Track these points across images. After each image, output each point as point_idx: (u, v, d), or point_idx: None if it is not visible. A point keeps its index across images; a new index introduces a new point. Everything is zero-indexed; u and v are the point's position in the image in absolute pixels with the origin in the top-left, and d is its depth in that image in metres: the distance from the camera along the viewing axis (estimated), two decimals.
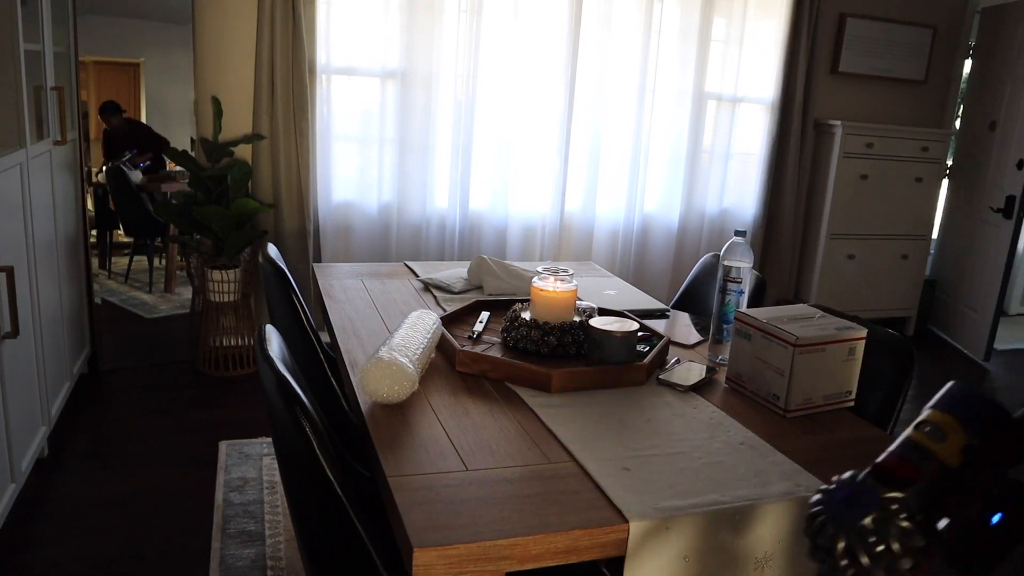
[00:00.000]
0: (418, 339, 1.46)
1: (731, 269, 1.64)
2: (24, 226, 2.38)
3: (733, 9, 4.07)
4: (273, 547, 2.23)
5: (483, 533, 0.98)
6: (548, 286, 1.59)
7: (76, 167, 3.18)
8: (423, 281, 2.23)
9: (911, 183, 4.48)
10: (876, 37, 4.46)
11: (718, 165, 4.26)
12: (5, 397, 2.15)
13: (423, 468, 1.13)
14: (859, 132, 4.29)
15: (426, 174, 3.77)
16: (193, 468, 2.64)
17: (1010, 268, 4.26)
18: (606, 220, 4.13)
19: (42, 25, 2.64)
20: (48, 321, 2.64)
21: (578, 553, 1.01)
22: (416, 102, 3.67)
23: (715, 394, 1.50)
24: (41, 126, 2.68)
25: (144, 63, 4.65)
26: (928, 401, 0.80)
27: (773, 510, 1.10)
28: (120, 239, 5.94)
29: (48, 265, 2.68)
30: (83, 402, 3.10)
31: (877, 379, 1.60)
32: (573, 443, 1.24)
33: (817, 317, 1.49)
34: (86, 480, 2.52)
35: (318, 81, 3.53)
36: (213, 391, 3.31)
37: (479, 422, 1.30)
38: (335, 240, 3.74)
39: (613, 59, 3.93)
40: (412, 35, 3.59)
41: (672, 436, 1.29)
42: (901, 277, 4.63)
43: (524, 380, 1.47)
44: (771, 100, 4.24)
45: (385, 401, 1.33)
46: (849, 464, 1.23)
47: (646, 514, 1.04)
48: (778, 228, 4.44)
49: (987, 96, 4.54)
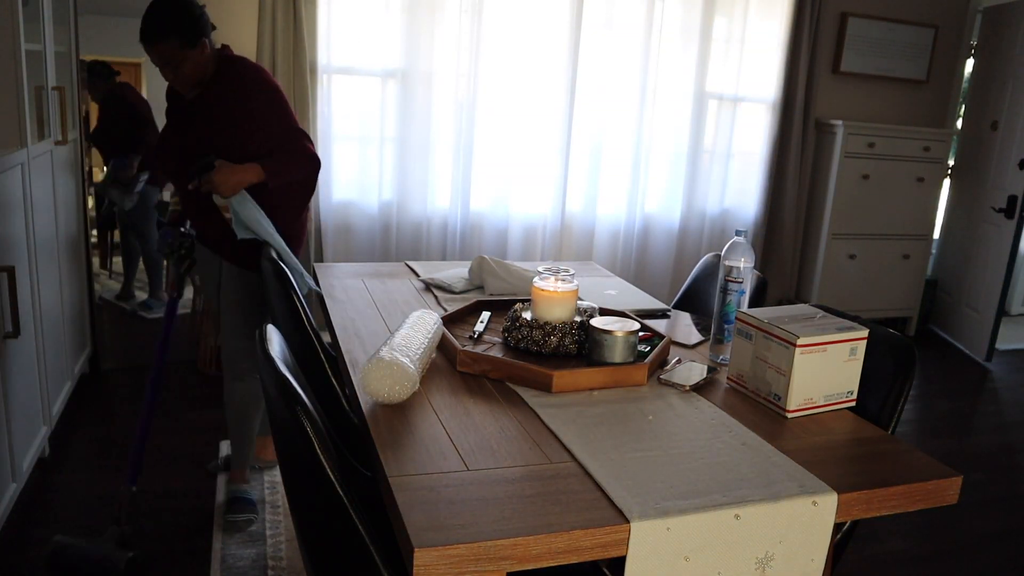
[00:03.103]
0: (419, 339, 1.46)
1: (732, 269, 1.64)
2: (25, 226, 2.38)
3: (734, 8, 4.07)
4: (274, 547, 2.23)
5: (484, 533, 0.98)
6: (549, 286, 1.59)
7: (77, 167, 3.18)
8: (424, 281, 2.23)
9: (913, 183, 4.47)
10: (878, 37, 4.46)
11: (719, 165, 4.26)
12: (6, 397, 2.16)
13: (424, 468, 1.13)
14: (860, 132, 4.29)
15: (427, 174, 3.77)
16: (194, 468, 2.64)
17: (1012, 268, 4.26)
18: (607, 220, 4.13)
19: (43, 25, 2.65)
20: (49, 321, 2.64)
21: (579, 553, 1.01)
22: (417, 102, 3.67)
23: (716, 394, 1.50)
24: (42, 126, 2.68)
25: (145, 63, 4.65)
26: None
27: (774, 510, 1.09)
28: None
29: (49, 265, 2.68)
30: (84, 402, 3.11)
31: (878, 379, 1.60)
32: (574, 443, 1.24)
33: (818, 317, 1.49)
34: (87, 479, 2.53)
35: (319, 81, 3.53)
36: (213, 391, 3.31)
37: (480, 422, 1.30)
38: (336, 240, 3.74)
39: (614, 59, 3.92)
40: (413, 35, 3.59)
41: (673, 436, 1.29)
42: (902, 277, 4.63)
43: (525, 380, 1.46)
44: (772, 100, 4.24)
45: (386, 401, 1.33)
46: (850, 464, 1.24)
47: (647, 514, 1.04)
48: (779, 228, 4.44)
49: (989, 96, 4.54)
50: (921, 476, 1.21)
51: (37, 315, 2.49)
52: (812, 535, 1.12)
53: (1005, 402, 3.84)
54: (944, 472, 1.22)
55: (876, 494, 1.16)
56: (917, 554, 2.45)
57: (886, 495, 1.17)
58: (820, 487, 1.14)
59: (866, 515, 1.17)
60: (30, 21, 2.52)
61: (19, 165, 2.33)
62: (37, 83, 2.63)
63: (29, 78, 2.45)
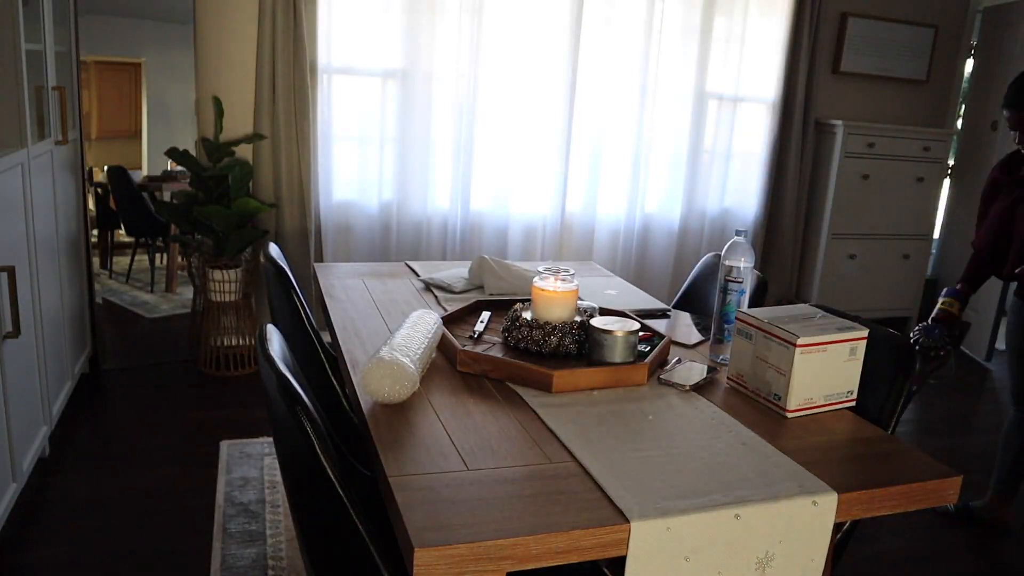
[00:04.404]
0: (419, 339, 1.46)
1: (732, 269, 1.64)
2: (25, 226, 2.38)
3: (734, 8, 4.07)
4: (274, 547, 2.23)
5: (484, 533, 0.98)
6: (549, 286, 1.59)
7: (77, 167, 3.18)
8: (424, 281, 2.23)
9: (912, 183, 4.47)
10: (878, 36, 4.46)
11: (719, 165, 4.26)
12: (6, 396, 2.16)
13: (424, 468, 1.13)
14: (860, 132, 4.29)
15: (427, 174, 3.77)
16: (194, 468, 2.64)
17: None
18: (607, 220, 4.13)
19: (43, 25, 2.65)
20: (49, 321, 2.64)
21: (579, 553, 1.01)
22: (417, 102, 3.67)
23: (716, 394, 1.50)
24: (42, 126, 2.68)
25: (145, 63, 4.65)
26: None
27: (774, 510, 1.09)
28: (121, 239, 5.93)
29: (49, 265, 2.68)
30: (84, 401, 3.11)
31: (878, 379, 1.60)
32: (574, 443, 1.24)
33: (818, 317, 1.49)
34: (87, 479, 2.53)
35: (319, 81, 3.53)
36: (214, 391, 3.31)
37: (480, 422, 1.30)
38: (336, 239, 3.74)
39: (614, 58, 3.92)
40: (413, 35, 3.59)
41: (673, 436, 1.29)
42: (902, 277, 4.63)
43: (525, 380, 1.46)
44: (772, 99, 4.24)
45: (386, 401, 1.33)
46: (850, 464, 1.24)
47: (647, 514, 1.04)
48: (779, 228, 4.44)
49: (989, 96, 4.54)
50: (921, 476, 1.21)
51: (37, 315, 2.49)
52: (812, 535, 1.12)
53: (1005, 402, 3.84)
54: (944, 472, 1.22)
55: (876, 494, 1.17)
56: (917, 554, 2.45)
57: (886, 495, 1.17)
58: (820, 487, 1.14)
59: (866, 515, 1.17)
60: (30, 21, 2.52)
61: (19, 165, 2.33)
62: (37, 83, 2.63)
63: (29, 78, 2.45)
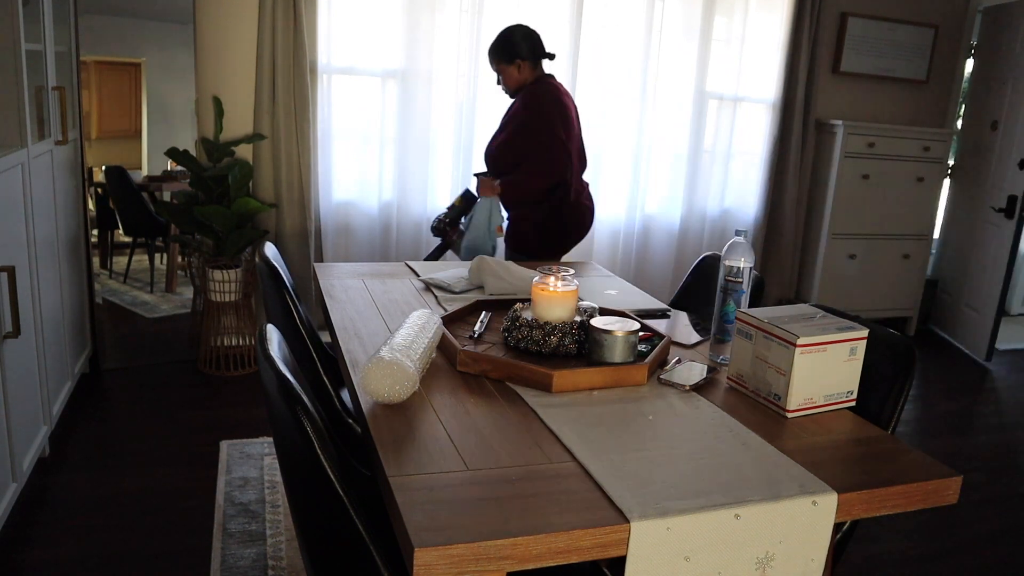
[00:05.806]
0: (419, 339, 1.46)
1: (732, 269, 1.64)
2: (25, 226, 2.38)
3: (734, 8, 4.07)
4: (274, 547, 2.23)
5: (484, 533, 0.98)
6: (549, 286, 1.59)
7: (77, 167, 3.18)
8: (424, 281, 2.23)
9: (912, 183, 4.47)
10: (878, 36, 4.46)
11: (719, 165, 4.26)
12: (6, 396, 2.16)
13: (424, 468, 1.13)
14: (860, 132, 4.29)
15: (427, 174, 3.77)
16: (194, 468, 2.64)
17: (1012, 268, 4.26)
18: (607, 220, 4.13)
19: (44, 25, 2.65)
20: (49, 321, 2.64)
21: (579, 553, 1.01)
22: (417, 102, 3.67)
23: (716, 394, 1.50)
24: (42, 126, 2.68)
25: (145, 63, 4.65)
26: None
27: (774, 510, 1.09)
28: (121, 239, 5.93)
29: (49, 265, 2.68)
30: (84, 401, 3.11)
31: (878, 379, 1.60)
32: (574, 443, 1.24)
33: (818, 317, 1.49)
34: (87, 479, 2.53)
35: (319, 81, 3.53)
36: (214, 391, 3.31)
37: (480, 422, 1.30)
38: (336, 239, 3.74)
39: (614, 58, 3.92)
40: (413, 35, 3.59)
41: (673, 436, 1.29)
42: (902, 277, 4.63)
43: (525, 380, 1.46)
44: (772, 100, 4.24)
45: (386, 401, 1.33)
46: (850, 464, 1.24)
47: (647, 514, 1.04)
48: (779, 228, 4.44)
49: (989, 96, 4.54)
50: (921, 476, 1.21)
51: (37, 315, 2.49)
52: (812, 535, 1.12)
53: (1005, 402, 3.84)
54: (944, 472, 1.22)
55: (876, 494, 1.17)
56: (917, 554, 2.45)
57: (886, 495, 1.17)
58: (820, 487, 1.14)
59: (866, 515, 1.17)
60: (30, 21, 2.52)
61: (19, 165, 2.33)
62: (37, 83, 2.63)
63: (29, 78, 2.45)
